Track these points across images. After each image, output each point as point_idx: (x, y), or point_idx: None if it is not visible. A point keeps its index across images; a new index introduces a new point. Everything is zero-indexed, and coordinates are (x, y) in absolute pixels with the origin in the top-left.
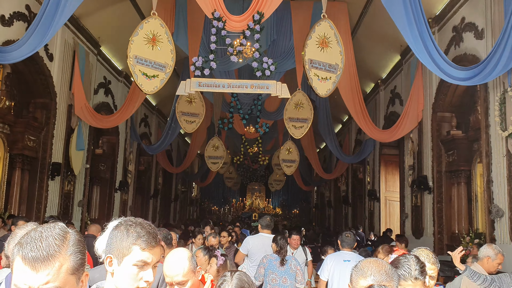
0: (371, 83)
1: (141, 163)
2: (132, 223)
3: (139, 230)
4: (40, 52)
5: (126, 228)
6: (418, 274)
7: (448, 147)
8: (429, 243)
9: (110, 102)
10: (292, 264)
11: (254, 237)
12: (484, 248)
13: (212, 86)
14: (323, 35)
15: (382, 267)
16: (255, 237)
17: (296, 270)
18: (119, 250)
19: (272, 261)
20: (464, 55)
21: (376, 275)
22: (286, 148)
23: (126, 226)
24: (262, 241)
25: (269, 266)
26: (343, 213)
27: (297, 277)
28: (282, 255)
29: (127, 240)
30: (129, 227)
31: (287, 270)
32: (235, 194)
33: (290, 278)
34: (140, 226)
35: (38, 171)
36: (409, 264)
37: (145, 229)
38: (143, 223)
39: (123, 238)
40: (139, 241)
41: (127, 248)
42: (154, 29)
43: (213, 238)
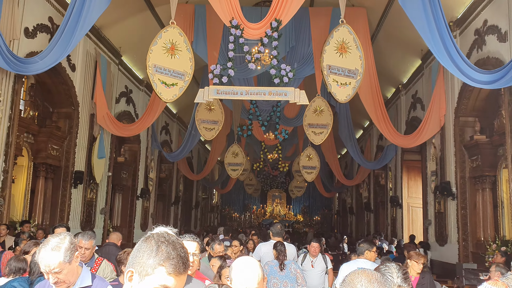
0: (392, 88)
1: (162, 170)
2: (164, 240)
3: (170, 250)
4: (63, 63)
5: (157, 244)
6: (401, 282)
7: (471, 152)
8: (453, 251)
9: (132, 110)
10: (292, 268)
11: (265, 244)
12: None
13: (230, 94)
14: (342, 41)
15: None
16: (267, 244)
17: (296, 273)
18: (143, 266)
19: (272, 267)
20: (487, 58)
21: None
22: (306, 155)
23: (158, 242)
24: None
25: (270, 272)
26: (365, 220)
27: (298, 280)
28: (281, 260)
29: (155, 259)
30: (160, 244)
31: (288, 274)
32: (256, 200)
33: (291, 282)
34: (173, 247)
35: (61, 179)
36: (390, 271)
37: (177, 251)
38: (176, 244)
39: (151, 254)
40: (167, 263)
41: (152, 267)
42: (173, 38)
43: (218, 245)
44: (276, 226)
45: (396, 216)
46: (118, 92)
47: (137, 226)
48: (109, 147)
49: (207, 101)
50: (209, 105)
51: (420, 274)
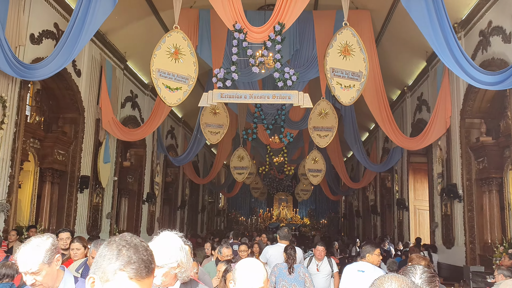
0: (397, 90)
1: (168, 174)
2: (126, 243)
3: (131, 254)
4: (68, 68)
5: (118, 248)
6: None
7: (477, 154)
8: (460, 253)
9: (137, 115)
10: (301, 272)
11: (272, 247)
12: None
13: (234, 97)
14: (345, 43)
15: (403, 282)
16: (274, 246)
17: (305, 277)
18: (104, 272)
19: (282, 269)
20: (492, 59)
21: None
22: (312, 158)
23: (119, 246)
24: (279, 251)
25: (279, 274)
26: (372, 223)
27: (306, 283)
28: (290, 264)
29: (115, 264)
30: (122, 248)
31: (296, 277)
32: (262, 204)
33: (299, 285)
34: (134, 250)
35: (67, 184)
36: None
37: (139, 255)
38: (139, 247)
39: (111, 259)
40: (128, 268)
41: (113, 272)
42: (177, 42)
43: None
44: (283, 230)
45: (402, 219)
46: (124, 97)
47: (143, 230)
48: (115, 151)
49: (211, 105)
50: (214, 109)
51: None
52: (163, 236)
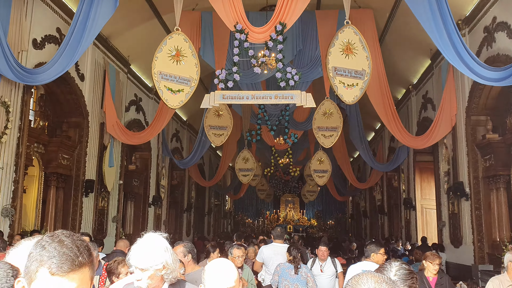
0: (402, 89)
1: (173, 177)
2: (51, 240)
3: (52, 249)
4: (72, 73)
5: (41, 245)
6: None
7: (484, 152)
8: (469, 252)
9: (142, 118)
10: (303, 272)
11: (267, 247)
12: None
13: (236, 98)
14: (347, 42)
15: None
16: (268, 246)
17: (307, 277)
18: (28, 273)
19: (285, 269)
20: (497, 55)
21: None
22: (317, 158)
23: (42, 243)
24: (274, 250)
25: (282, 273)
26: (379, 223)
27: (308, 283)
28: (296, 264)
29: (37, 262)
30: (45, 245)
31: (299, 277)
32: (269, 206)
33: (302, 285)
34: (58, 244)
35: (72, 188)
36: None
37: (62, 249)
38: (65, 240)
39: (34, 258)
40: (49, 262)
41: (35, 271)
42: (178, 44)
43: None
44: (277, 229)
45: (410, 218)
46: (128, 101)
47: None
48: (120, 155)
49: (213, 106)
50: (217, 111)
51: (438, 274)
52: (146, 238)
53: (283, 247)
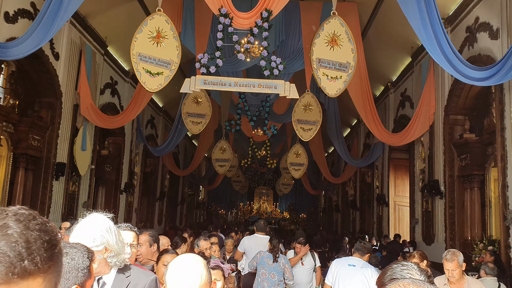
0: (381, 86)
1: (147, 165)
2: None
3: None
4: (46, 51)
5: None
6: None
7: (460, 151)
8: (440, 250)
9: (117, 102)
10: (281, 263)
11: (250, 238)
12: None
13: (218, 85)
14: (333, 33)
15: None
16: (251, 237)
17: (284, 268)
18: None
19: (264, 257)
20: (478, 55)
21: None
22: (294, 152)
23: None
24: (256, 241)
25: (261, 261)
26: (351, 218)
27: (286, 274)
28: (274, 253)
29: None
30: None
31: (276, 267)
32: (243, 198)
33: (278, 275)
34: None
35: (42, 171)
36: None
37: (3, 241)
38: (12, 227)
39: None
40: None
41: None
42: (159, 25)
43: (203, 241)
44: (260, 222)
45: (382, 214)
46: (103, 83)
47: (120, 220)
48: (93, 139)
49: (193, 91)
50: (196, 97)
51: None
52: (88, 218)
53: (265, 238)
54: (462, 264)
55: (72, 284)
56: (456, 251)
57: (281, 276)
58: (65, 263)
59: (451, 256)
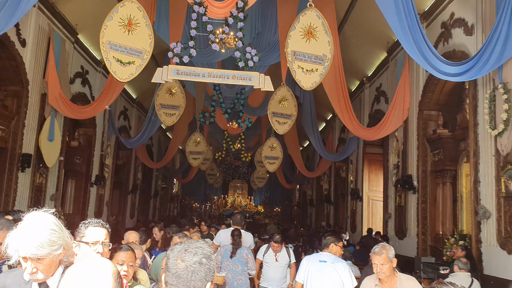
0: (356, 81)
1: (119, 157)
2: None
3: None
4: (12, 37)
5: None
6: None
7: (434, 146)
8: (412, 244)
9: (88, 93)
10: (244, 254)
11: (225, 231)
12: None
13: (191, 75)
14: (309, 25)
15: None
16: (226, 231)
17: (248, 258)
18: None
19: (227, 251)
20: (453, 51)
21: None
22: (269, 145)
23: None
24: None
25: (224, 254)
26: (325, 212)
27: (248, 264)
28: (235, 247)
29: None
30: None
31: (239, 258)
32: (217, 191)
33: (242, 265)
34: None
35: (7, 162)
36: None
37: None
38: None
39: None
40: None
41: None
42: (131, 13)
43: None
44: (236, 216)
45: (356, 208)
46: (73, 72)
47: (90, 214)
48: (61, 130)
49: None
50: (170, 88)
51: None
52: (32, 220)
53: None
54: (392, 260)
55: None
56: (387, 244)
57: (245, 266)
58: None
59: (379, 249)
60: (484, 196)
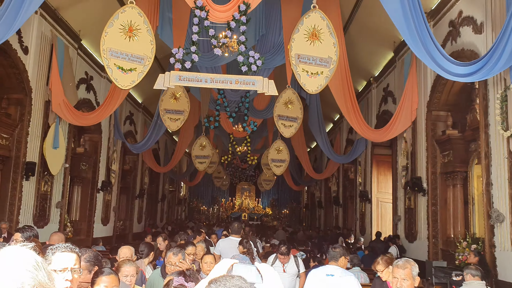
0: (363, 81)
1: (126, 162)
2: None
3: None
4: (14, 45)
5: None
6: None
7: (443, 148)
8: (423, 247)
9: (92, 99)
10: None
11: (224, 240)
12: None
13: (193, 81)
14: (313, 27)
15: None
16: (225, 240)
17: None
18: None
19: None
20: (461, 50)
21: None
22: (275, 148)
23: None
24: (230, 244)
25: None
26: (334, 214)
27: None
28: (251, 256)
29: None
30: None
31: None
32: (225, 193)
33: None
34: None
35: (11, 171)
36: None
37: None
38: None
39: None
40: None
41: None
42: (131, 19)
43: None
44: (234, 225)
45: (365, 211)
46: (78, 79)
47: (97, 220)
48: (66, 136)
49: (168, 88)
50: (174, 93)
51: None
52: (4, 255)
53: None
54: (415, 278)
55: None
56: (411, 260)
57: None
58: None
59: (403, 263)
60: (497, 199)
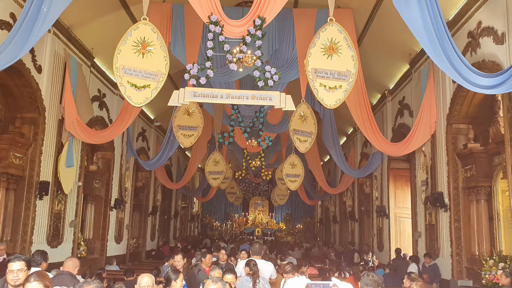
0: (377, 94)
1: (138, 179)
2: None
3: None
4: (27, 63)
5: None
6: None
7: (465, 162)
8: (446, 265)
9: (105, 116)
10: (261, 284)
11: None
12: None
13: (208, 97)
14: (330, 41)
15: None
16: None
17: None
18: None
19: (243, 282)
20: (482, 62)
21: None
22: (289, 162)
23: None
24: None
25: (241, 286)
26: (349, 229)
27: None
28: (254, 279)
29: None
30: None
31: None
32: (238, 209)
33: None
34: None
35: (25, 190)
36: None
37: None
38: None
39: None
40: None
41: None
42: (144, 35)
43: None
44: (255, 246)
45: (382, 226)
46: (91, 96)
47: (111, 238)
48: (79, 155)
49: (182, 104)
50: (187, 109)
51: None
52: None
53: (260, 263)
54: None
55: None
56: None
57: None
58: None
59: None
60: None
